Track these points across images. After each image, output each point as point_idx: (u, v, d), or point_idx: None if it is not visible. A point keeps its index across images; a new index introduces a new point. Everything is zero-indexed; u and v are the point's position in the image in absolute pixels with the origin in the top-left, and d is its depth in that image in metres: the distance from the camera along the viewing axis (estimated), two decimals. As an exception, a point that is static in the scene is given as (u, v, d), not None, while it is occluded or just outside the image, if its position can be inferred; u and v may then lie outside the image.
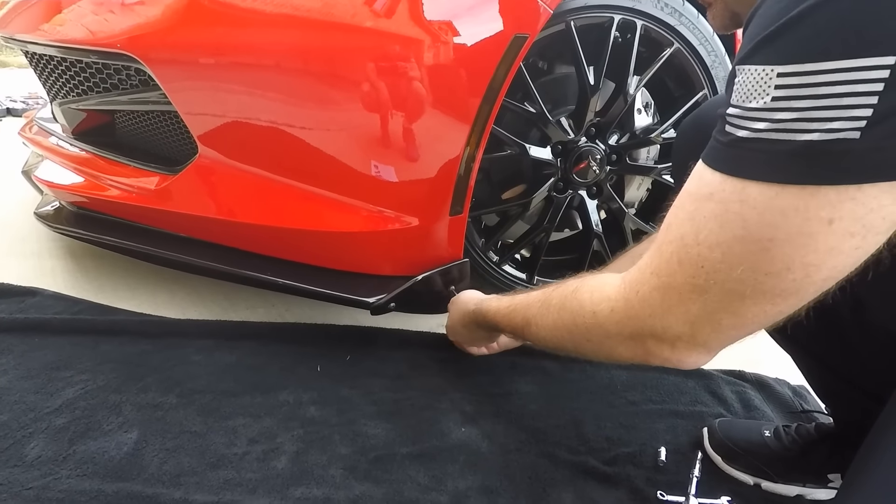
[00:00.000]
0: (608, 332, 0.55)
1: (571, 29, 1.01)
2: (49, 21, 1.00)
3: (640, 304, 0.51)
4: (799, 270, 0.41)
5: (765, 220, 0.40)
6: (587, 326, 0.57)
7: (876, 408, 0.54)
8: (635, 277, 0.52)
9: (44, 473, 0.67)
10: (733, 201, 0.42)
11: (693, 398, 0.98)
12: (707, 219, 0.44)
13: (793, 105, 0.37)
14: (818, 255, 0.40)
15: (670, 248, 0.47)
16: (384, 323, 1.08)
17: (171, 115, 0.96)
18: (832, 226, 0.38)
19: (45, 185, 1.16)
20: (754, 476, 0.80)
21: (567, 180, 1.13)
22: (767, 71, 0.39)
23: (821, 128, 0.36)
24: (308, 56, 0.83)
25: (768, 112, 0.39)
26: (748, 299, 0.44)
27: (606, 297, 0.55)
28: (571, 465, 0.79)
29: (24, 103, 3.12)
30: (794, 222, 0.39)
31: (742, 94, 0.41)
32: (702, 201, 0.45)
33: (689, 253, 0.45)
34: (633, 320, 0.52)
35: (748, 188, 0.41)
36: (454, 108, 0.86)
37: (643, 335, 0.52)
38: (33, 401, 0.79)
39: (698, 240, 0.45)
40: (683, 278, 0.46)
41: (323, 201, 0.91)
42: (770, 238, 0.41)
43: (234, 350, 0.96)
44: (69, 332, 0.96)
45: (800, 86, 0.37)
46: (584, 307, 0.58)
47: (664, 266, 0.48)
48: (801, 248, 0.40)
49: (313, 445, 0.77)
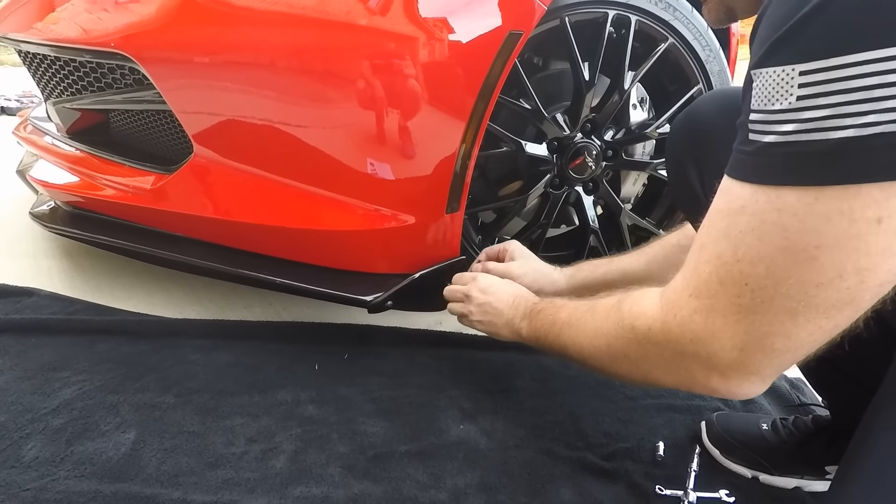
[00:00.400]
0: (646, 351, 0.52)
1: (566, 25, 1.00)
2: (42, 20, 0.99)
3: (679, 328, 0.48)
4: (852, 277, 0.38)
5: (807, 227, 0.38)
6: (626, 342, 0.54)
7: (871, 398, 0.55)
8: (673, 299, 0.49)
9: (41, 474, 0.67)
10: (769, 211, 0.40)
11: (690, 392, 0.98)
12: (743, 233, 0.41)
13: (821, 102, 0.36)
14: (870, 257, 0.37)
15: (708, 267, 0.45)
16: (382, 321, 1.08)
17: (165, 115, 0.96)
18: (881, 225, 0.36)
19: (40, 184, 1.15)
20: (752, 469, 0.80)
21: (563, 176, 1.13)
22: (788, 71, 0.37)
23: (855, 123, 0.35)
24: (303, 54, 0.83)
25: (795, 112, 0.37)
26: (800, 316, 0.41)
27: (644, 314, 0.52)
28: (570, 460, 0.79)
29: (18, 102, 3.11)
30: (840, 226, 0.37)
31: (763, 98, 0.39)
32: (734, 216, 0.42)
33: (730, 271, 0.43)
34: (673, 345, 0.49)
35: (784, 195, 0.39)
36: (449, 105, 0.86)
37: (686, 360, 0.48)
38: (30, 401, 0.79)
39: (737, 256, 0.42)
40: (727, 299, 0.43)
41: (319, 200, 0.91)
42: (816, 245, 0.38)
43: (231, 349, 0.96)
44: (66, 333, 0.96)
45: (826, 81, 0.35)
46: (624, 320, 0.54)
47: (703, 287, 0.45)
48: (851, 253, 0.37)
49: (312, 444, 0.77)
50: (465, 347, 1.05)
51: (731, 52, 1.23)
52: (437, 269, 0.99)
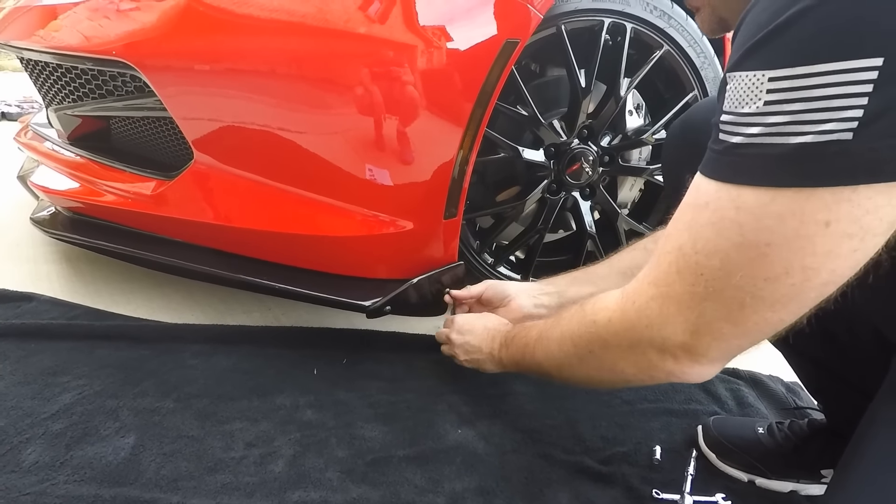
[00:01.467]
0: (607, 342, 0.56)
1: (562, 33, 1.02)
2: (44, 27, 1.00)
3: (636, 314, 0.51)
4: (798, 275, 0.41)
5: (761, 225, 0.41)
6: (589, 337, 0.58)
7: (866, 403, 0.55)
8: (633, 288, 0.52)
9: (41, 479, 0.67)
10: (729, 208, 0.42)
11: (687, 396, 0.98)
12: (704, 227, 0.44)
13: (785, 108, 0.38)
14: (816, 258, 0.40)
15: (668, 258, 0.48)
16: (380, 326, 1.08)
17: (166, 121, 0.97)
18: (829, 228, 0.38)
19: (40, 190, 1.16)
20: (748, 473, 0.81)
21: (560, 182, 1.13)
22: (759, 76, 0.39)
23: (813, 130, 0.37)
24: (302, 61, 0.84)
25: (761, 116, 0.39)
26: (748, 307, 0.44)
27: (605, 307, 0.56)
28: (567, 464, 0.79)
29: (18, 108, 3.12)
30: (790, 226, 0.39)
31: (735, 101, 0.41)
32: (698, 210, 0.45)
33: (688, 262, 0.46)
34: (630, 331, 0.52)
35: (743, 194, 0.41)
36: (447, 112, 0.87)
37: (642, 346, 0.52)
38: (30, 406, 0.79)
39: (696, 248, 0.45)
40: (682, 287, 0.47)
41: (318, 206, 0.91)
42: (767, 243, 0.41)
43: (230, 354, 0.97)
44: (65, 338, 0.96)
45: (791, 89, 0.37)
46: (586, 316, 0.59)
47: (662, 276, 0.48)
48: (798, 252, 0.40)
49: (310, 449, 0.77)
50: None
51: (726, 59, 1.24)
52: (435, 274, 1.00)
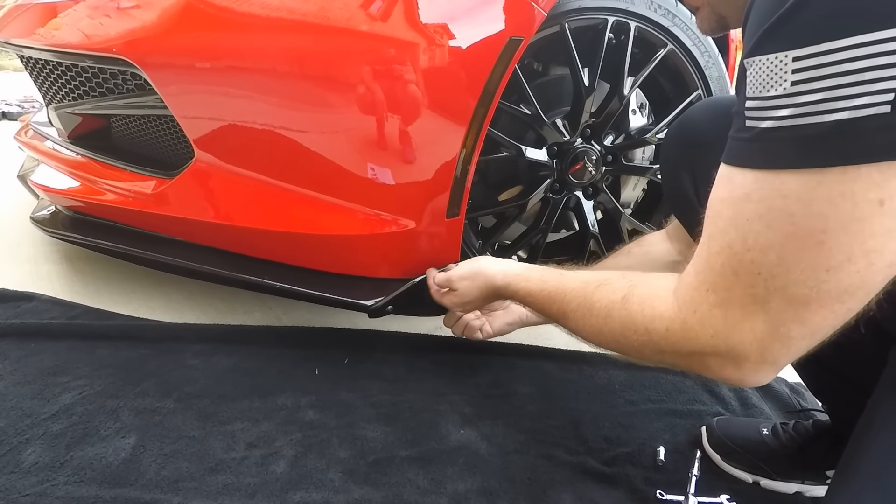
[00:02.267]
0: (662, 349, 0.52)
1: (566, 31, 1.01)
2: (45, 25, 1.00)
3: (699, 325, 0.47)
4: (861, 260, 0.38)
5: (812, 211, 0.38)
6: (640, 342, 0.54)
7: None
8: (690, 296, 0.48)
9: (41, 480, 0.67)
10: (775, 197, 0.40)
11: (691, 397, 0.98)
12: (751, 221, 0.42)
13: (815, 86, 0.36)
14: (877, 239, 0.38)
15: (720, 259, 0.45)
16: (382, 326, 1.08)
17: (167, 120, 0.96)
18: (884, 206, 0.37)
19: (41, 189, 1.15)
20: (753, 474, 0.80)
21: (563, 181, 1.13)
22: (781, 57, 0.38)
23: (848, 105, 0.35)
24: (304, 60, 0.83)
25: (790, 97, 0.38)
26: (814, 302, 0.41)
27: (660, 316, 0.51)
28: (570, 465, 0.79)
29: (19, 107, 3.11)
30: (843, 209, 0.37)
31: (758, 86, 0.40)
32: (740, 204, 0.42)
33: (742, 261, 0.43)
34: (693, 341, 0.48)
35: (787, 181, 0.39)
36: (450, 110, 0.87)
37: (703, 354, 0.48)
38: (30, 406, 0.78)
39: (748, 245, 0.42)
40: (742, 290, 0.43)
41: (320, 205, 0.91)
42: (823, 230, 0.38)
43: (231, 354, 0.96)
44: (66, 337, 0.96)
45: (819, 66, 0.36)
46: (636, 322, 0.54)
47: (719, 280, 0.45)
48: (857, 235, 0.38)
49: (312, 449, 0.77)
50: (466, 352, 1.05)
51: (730, 58, 1.23)
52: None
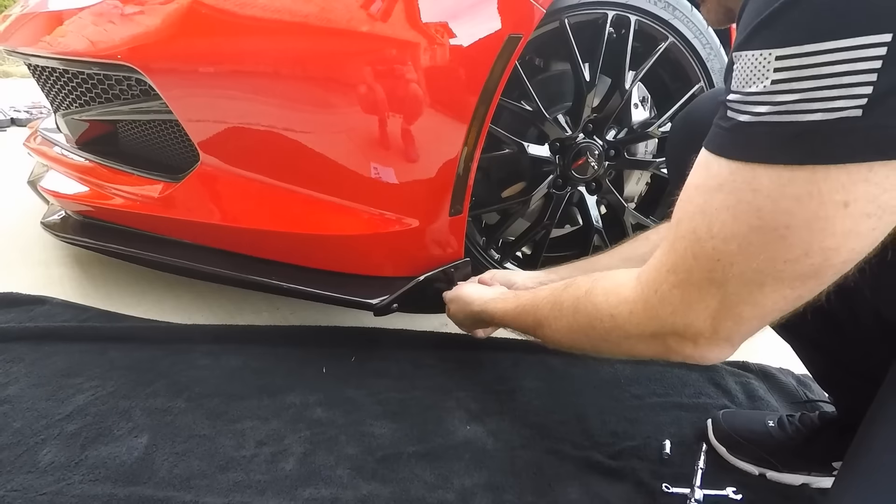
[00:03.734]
0: (628, 332, 0.55)
1: (566, 26, 1.01)
2: (50, 33, 1.01)
3: (660, 303, 0.50)
4: (818, 255, 0.40)
5: (780, 207, 0.40)
6: (605, 329, 0.57)
7: (875, 393, 0.55)
8: (652, 277, 0.51)
9: (57, 479, 0.68)
10: (745, 191, 0.41)
11: (697, 390, 0.98)
12: (719, 210, 0.43)
13: (793, 87, 0.37)
14: (836, 238, 0.39)
15: (683, 243, 0.47)
16: (388, 323, 1.09)
17: (172, 124, 0.97)
18: (848, 208, 0.38)
19: (50, 194, 1.17)
20: (759, 466, 0.80)
21: (566, 177, 1.13)
22: (765, 55, 0.39)
23: (823, 107, 0.36)
24: (306, 61, 0.84)
25: (769, 95, 0.39)
26: (767, 287, 0.43)
27: (624, 300, 0.55)
28: (576, 459, 0.79)
29: (27, 113, 3.15)
30: (809, 207, 0.39)
31: (741, 80, 0.41)
32: (711, 193, 0.44)
33: (704, 247, 0.45)
34: (655, 320, 0.51)
35: (759, 175, 0.40)
36: (451, 108, 0.87)
37: (664, 333, 0.51)
38: (45, 408, 0.80)
39: (712, 233, 0.44)
40: (700, 273, 0.46)
41: (324, 205, 0.92)
42: (787, 225, 0.40)
43: (240, 354, 0.98)
44: (78, 340, 0.97)
45: (799, 67, 0.37)
46: (601, 310, 0.57)
47: (680, 262, 0.48)
48: (818, 233, 0.39)
49: (320, 446, 0.78)
50: (471, 349, 1.06)
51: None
52: (441, 271, 1.00)
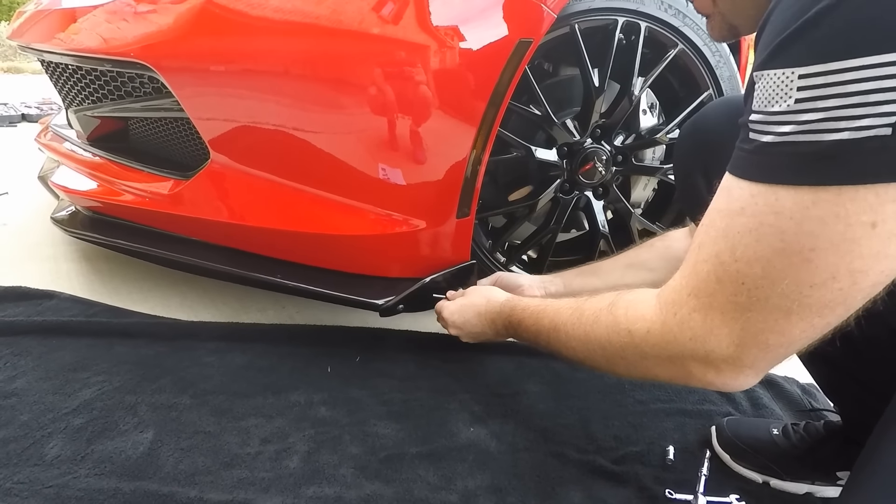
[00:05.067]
0: (644, 352, 0.53)
1: (576, 32, 1.01)
2: (64, 30, 1.02)
3: (678, 327, 0.49)
4: (845, 279, 0.39)
5: (804, 229, 0.39)
6: (622, 345, 0.55)
7: (882, 406, 0.54)
8: (672, 299, 0.50)
9: (63, 472, 0.68)
10: (767, 213, 0.40)
11: (701, 397, 0.98)
12: (741, 234, 0.42)
13: (818, 105, 0.37)
14: (864, 260, 0.38)
15: (706, 266, 0.46)
16: (393, 324, 1.09)
17: (183, 122, 0.98)
18: (876, 229, 0.37)
19: (60, 190, 1.18)
20: (763, 474, 0.80)
21: (573, 181, 1.13)
22: (788, 74, 0.38)
23: (850, 126, 0.35)
24: (317, 62, 0.85)
25: (793, 115, 0.38)
26: (794, 315, 0.42)
27: (642, 317, 0.53)
28: (580, 464, 0.79)
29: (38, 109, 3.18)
30: (835, 229, 0.38)
31: (764, 100, 0.40)
32: (734, 216, 0.43)
33: (728, 270, 0.44)
34: (672, 344, 0.50)
35: (781, 197, 0.40)
36: (460, 111, 0.88)
37: (683, 358, 0.50)
38: (52, 401, 0.81)
39: (735, 256, 0.43)
40: (724, 297, 0.45)
41: (332, 205, 0.92)
42: (812, 248, 0.39)
43: (246, 352, 0.98)
44: (85, 335, 0.98)
45: (824, 85, 0.36)
46: (620, 324, 0.55)
47: (702, 287, 0.46)
48: (845, 256, 0.38)
49: (324, 445, 0.78)
50: (476, 351, 1.06)
51: (742, 58, 1.23)
52: (447, 273, 1.00)
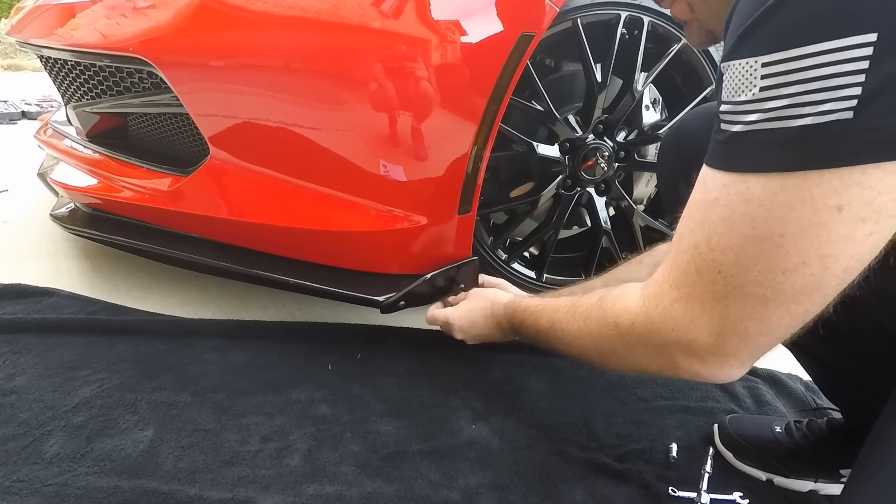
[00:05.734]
0: (631, 344, 0.55)
1: (578, 26, 1.01)
2: (63, 26, 1.02)
3: (660, 317, 0.50)
4: (816, 264, 0.40)
5: (773, 215, 0.40)
6: (611, 338, 0.57)
7: (880, 406, 0.54)
8: (654, 291, 0.51)
9: (62, 470, 0.68)
10: (738, 202, 0.42)
11: (704, 394, 0.97)
12: (716, 223, 0.44)
13: (782, 92, 0.38)
14: (832, 245, 0.39)
15: (685, 257, 0.47)
16: (394, 321, 1.09)
17: (182, 118, 0.97)
18: (842, 213, 0.38)
19: (60, 186, 1.18)
20: (766, 472, 0.80)
21: (575, 178, 1.13)
22: (752, 63, 0.39)
23: (813, 111, 0.36)
24: (317, 57, 0.84)
25: (758, 103, 0.39)
26: (770, 302, 0.43)
27: (627, 309, 0.55)
28: (582, 461, 0.79)
29: (38, 106, 3.17)
30: (802, 214, 0.39)
31: (731, 90, 0.41)
32: (709, 207, 0.44)
33: (705, 260, 0.45)
34: (656, 334, 0.51)
35: (751, 185, 0.41)
36: (462, 107, 0.87)
37: (668, 348, 0.51)
38: (51, 399, 0.80)
39: (711, 245, 0.44)
40: (703, 287, 0.46)
41: (332, 201, 0.92)
42: (781, 234, 0.40)
43: (246, 349, 0.98)
44: (85, 332, 0.98)
45: (785, 72, 0.37)
46: (608, 318, 0.57)
47: (682, 276, 0.48)
48: (814, 240, 0.39)
49: (325, 443, 0.78)
50: (477, 348, 1.05)
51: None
52: (448, 269, 1.00)
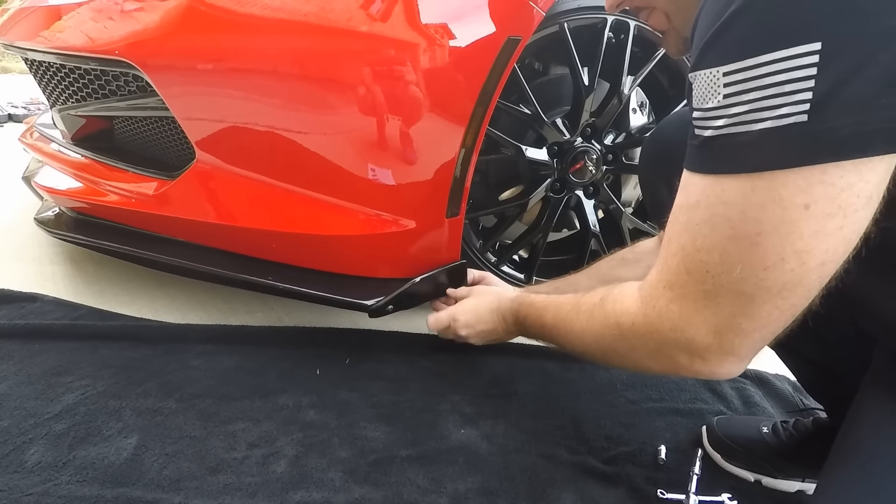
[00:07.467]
0: (633, 344, 0.56)
1: (565, 30, 1.01)
2: (48, 28, 1.00)
3: (658, 319, 0.52)
4: (793, 259, 0.42)
5: (748, 216, 0.42)
6: (613, 337, 0.58)
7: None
8: (649, 293, 0.53)
9: (44, 479, 0.67)
10: (717, 204, 0.44)
11: (693, 396, 0.98)
12: (699, 225, 0.46)
13: (743, 98, 0.40)
14: (805, 240, 0.41)
15: (675, 259, 0.49)
16: (383, 325, 1.08)
17: (168, 121, 0.97)
18: (809, 210, 0.40)
19: (45, 190, 1.16)
20: (754, 472, 0.80)
21: (564, 181, 1.13)
22: (714, 73, 0.42)
23: (772, 115, 0.39)
24: (304, 61, 0.84)
25: (724, 109, 0.42)
26: (757, 298, 0.45)
27: (627, 311, 0.56)
28: (571, 465, 0.79)
29: (25, 109, 3.13)
30: (774, 213, 0.41)
31: (700, 98, 0.44)
32: (692, 209, 0.47)
33: (693, 260, 0.47)
34: (656, 335, 0.53)
35: (727, 188, 0.43)
36: (449, 110, 0.87)
37: (669, 348, 0.52)
38: (33, 406, 0.79)
39: (696, 246, 0.46)
40: (694, 287, 0.48)
41: (320, 205, 0.91)
42: (757, 232, 0.42)
43: (233, 354, 0.97)
44: (69, 338, 0.96)
45: (745, 80, 0.40)
46: (609, 318, 0.59)
47: (674, 278, 0.49)
48: (788, 237, 0.41)
49: (313, 449, 0.77)
50: (466, 352, 1.05)
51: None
52: (437, 273, 1.00)
